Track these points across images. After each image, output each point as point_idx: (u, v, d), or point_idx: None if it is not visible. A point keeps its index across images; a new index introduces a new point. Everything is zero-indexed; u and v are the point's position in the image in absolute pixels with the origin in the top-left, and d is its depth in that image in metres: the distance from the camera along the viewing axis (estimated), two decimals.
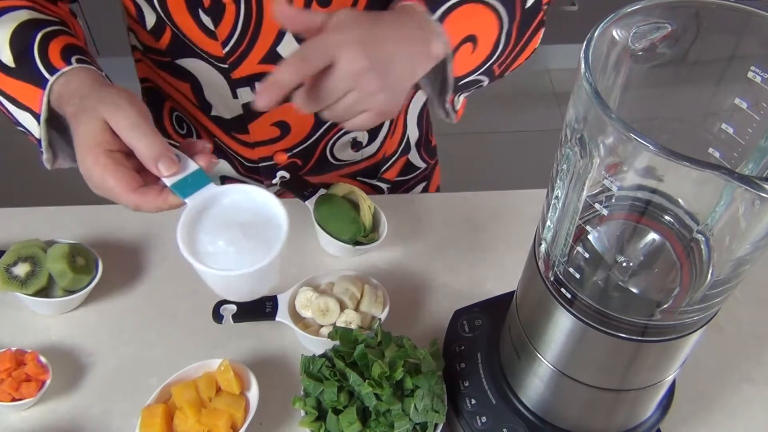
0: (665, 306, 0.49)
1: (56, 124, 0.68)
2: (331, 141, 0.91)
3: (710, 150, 0.48)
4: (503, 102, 2.30)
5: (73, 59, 0.65)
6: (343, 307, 0.73)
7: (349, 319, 0.72)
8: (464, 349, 0.68)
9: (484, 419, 0.63)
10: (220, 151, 0.95)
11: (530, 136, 2.27)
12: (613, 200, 0.46)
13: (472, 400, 0.64)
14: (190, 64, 0.80)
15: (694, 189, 0.45)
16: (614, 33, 0.45)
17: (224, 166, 0.97)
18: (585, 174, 0.45)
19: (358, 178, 0.99)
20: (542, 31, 0.78)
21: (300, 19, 0.62)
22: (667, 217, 0.49)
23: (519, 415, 0.62)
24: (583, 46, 0.43)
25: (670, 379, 0.57)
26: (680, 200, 0.47)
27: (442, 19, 0.67)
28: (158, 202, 0.59)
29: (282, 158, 0.91)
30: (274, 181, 0.93)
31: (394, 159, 1.01)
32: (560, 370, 0.57)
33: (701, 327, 0.51)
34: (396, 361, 0.63)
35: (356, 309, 0.73)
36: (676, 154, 0.37)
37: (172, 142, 0.89)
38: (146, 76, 0.92)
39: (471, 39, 0.69)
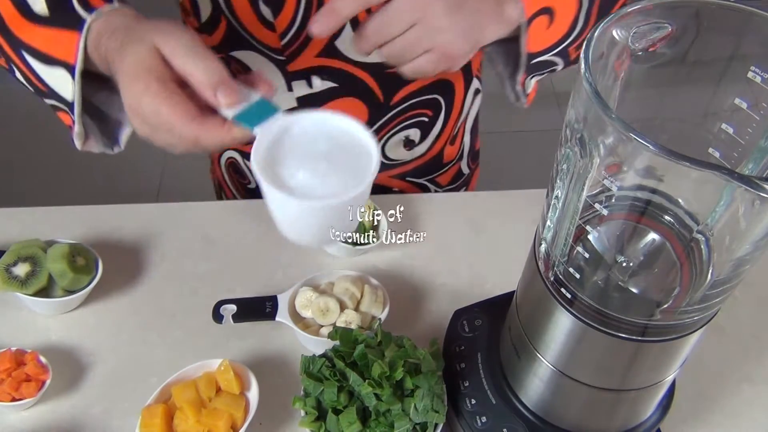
0: (665, 306, 0.49)
1: (89, 105, 0.63)
2: (384, 140, 0.90)
3: (710, 150, 0.48)
4: (503, 102, 2.30)
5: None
6: (343, 307, 0.73)
7: (349, 319, 0.72)
8: (464, 349, 0.68)
9: (484, 419, 0.63)
10: None
11: (530, 136, 2.27)
12: (613, 200, 0.46)
13: (472, 400, 0.64)
14: (245, 56, 0.79)
15: (694, 189, 0.45)
16: (614, 33, 0.45)
17: None
18: (585, 174, 0.45)
19: (407, 178, 0.99)
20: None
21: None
22: (667, 217, 0.49)
23: (519, 415, 0.62)
24: (583, 46, 0.43)
25: (670, 379, 0.57)
26: (680, 200, 0.47)
27: None
28: (221, 133, 0.51)
29: None
30: None
31: (450, 165, 1.01)
32: (560, 370, 0.57)
33: (701, 327, 0.51)
34: (396, 361, 0.63)
35: (356, 309, 0.73)
36: (676, 154, 0.37)
37: None
38: None
39: (548, 11, 0.66)
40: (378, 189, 0.98)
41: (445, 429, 0.66)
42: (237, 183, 1.02)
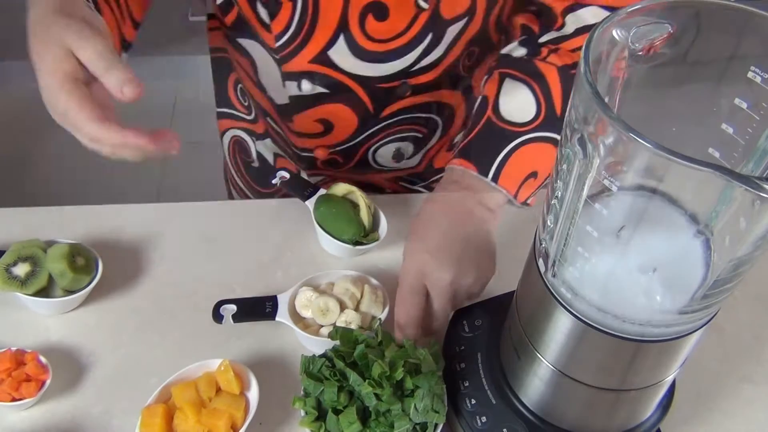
0: (665, 306, 0.49)
1: None
2: (374, 147, 0.91)
3: (710, 150, 0.48)
4: None
5: None
6: (343, 307, 0.73)
7: (349, 319, 0.72)
8: (464, 349, 0.68)
9: (484, 419, 0.63)
10: (272, 134, 0.97)
11: None
12: (613, 200, 0.46)
13: (472, 400, 0.64)
14: (250, 45, 0.81)
15: (694, 189, 0.45)
16: (614, 33, 0.45)
17: (271, 144, 0.99)
18: (585, 174, 0.45)
19: (400, 183, 0.99)
20: None
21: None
22: (667, 218, 0.49)
23: (519, 415, 0.62)
24: (583, 46, 0.43)
25: (670, 379, 0.57)
26: (680, 200, 0.47)
27: (495, 178, 0.71)
28: (118, 134, 0.57)
29: (322, 153, 0.91)
30: (273, 181, 0.93)
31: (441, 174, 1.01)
32: (560, 370, 0.57)
33: (701, 327, 0.51)
34: (396, 361, 0.63)
35: (356, 309, 0.73)
36: (676, 154, 0.37)
37: None
38: (217, 45, 0.93)
39: (532, 175, 0.73)
40: (370, 188, 0.98)
41: (445, 429, 0.66)
42: (242, 162, 1.03)
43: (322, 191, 0.83)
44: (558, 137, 0.72)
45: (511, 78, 0.76)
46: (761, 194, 0.36)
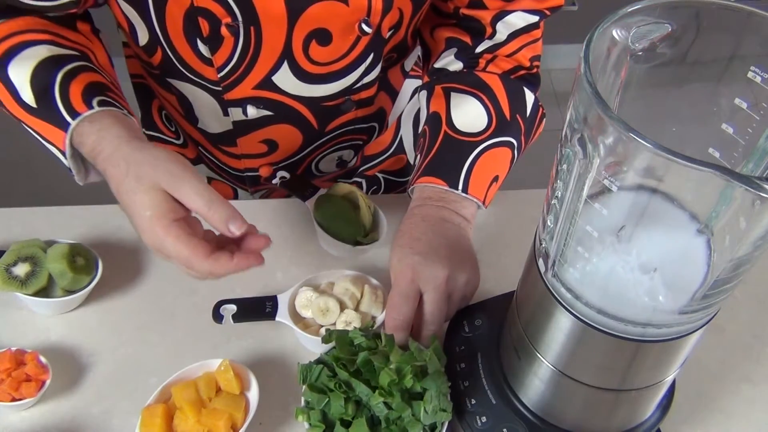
0: (665, 306, 0.49)
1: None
2: (317, 158, 0.93)
3: (710, 150, 0.48)
4: None
5: (94, 102, 0.65)
6: (343, 307, 0.73)
7: (349, 319, 0.72)
8: (464, 349, 0.68)
9: (484, 419, 0.63)
10: (205, 160, 0.97)
11: None
12: (613, 200, 0.46)
13: (472, 400, 0.64)
14: (180, 85, 0.80)
15: (694, 189, 0.45)
16: (614, 33, 0.45)
17: (205, 170, 0.99)
18: (585, 174, 0.45)
19: (338, 180, 1.00)
20: (545, 120, 0.85)
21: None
22: (666, 218, 0.49)
23: (519, 415, 0.62)
24: (583, 46, 0.43)
25: (670, 379, 0.57)
26: (680, 200, 0.47)
27: (465, 188, 0.74)
28: (230, 266, 0.60)
29: (267, 171, 0.92)
30: (274, 181, 0.93)
31: (386, 156, 1.01)
32: (560, 370, 0.57)
33: (701, 327, 0.51)
34: (403, 366, 0.62)
35: (356, 309, 0.73)
36: (676, 154, 0.37)
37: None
38: (137, 72, 0.92)
39: (494, 180, 0.77)
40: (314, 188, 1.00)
41: (446, 428, 0.66)
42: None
43: (322, 191, 0.83)
44: (511, 140, 0.78)
45: (457, 92, 0.79)
46: (761, 194, 0.36)
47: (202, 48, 0.72)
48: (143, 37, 0.75)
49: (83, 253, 0.76)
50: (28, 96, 0.66)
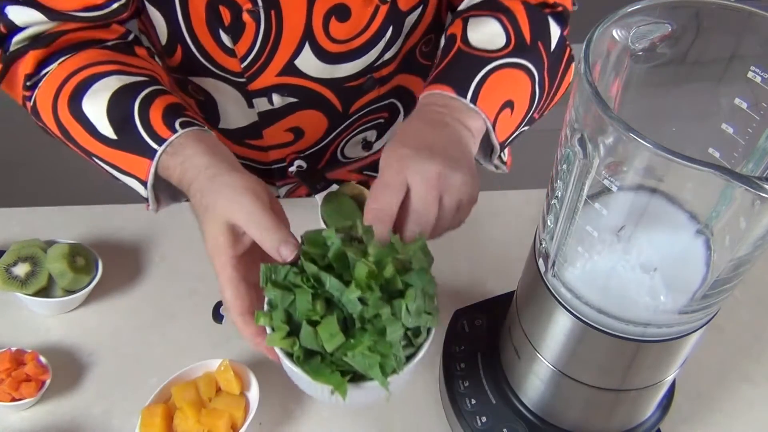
0: (665, 306, 0.49)
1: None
2: (343, 142, 0.92)
3: (710, 150, 0.48)
4: None
5: (176, 124, 0.64)
6: None
7: None
8: (464, 349, 0.68)
9: (484, 419, 0.63)
10: None
11: (530, 136, 2.26)
12: (613, 200, 0.46)
13: (472, 400, 0.64)
14: (202, 81, 0.80)
15: (694, 189, 0.45)
16: (614, 33, 0.45)
17: None
18: (585, 174, 0.45)
19: (364, 172, 1.00)
20: (573, 66, 0.78)
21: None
22: (667, 218, 0.49)
23: (519, 415, 0.62)
24: (583, 46, 0.43)
25: (670, 379, 0.57)
26: (680, 200, 0.47)
27: (474, 99, 0.67)
28: (253, 341, 0.59)
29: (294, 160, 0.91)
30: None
31: None
32: (560, 370, 0.57)
33: (701, 327, 0.51)
34: (382, 258, 0.54)
35: None
36: (676, 154, 0.37)
37: None
38: None
39: (508, 104, 0.69)
40: (337, 183, 0.99)
41: (445, 429, 0.66)
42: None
43: (334, 187, 0.83)
44: (530, 67, 0.70)
45: (475, 16, 0.74)
46: (761, 194, 0.36)
47: (225, 39, 0.73)
48: (162, 36, 0.75)
49: (83, 253, 0.76)
50: (106, 129, 0.65)
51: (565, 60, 0.76)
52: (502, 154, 0.74)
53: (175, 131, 0.64)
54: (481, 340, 0.68)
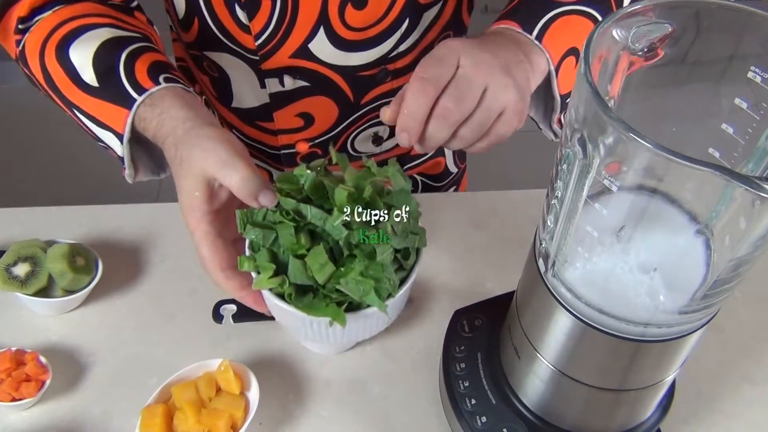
0: (665, 306, 0.49)
1: (138, 139, 0.67)
2: (353, 134, 0.91)
3: (710, 150, 0.48)
4: None
5: (161, 78, 0.64)
6: None
7: None
8: (464, 349, 0.68)
9: (484, 419, 0.63)
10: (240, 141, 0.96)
11: (530, 136, 2.26)
12: (613, 200, 0.46)
13: (472, 400, 0.64)
14: (217, 57, 0.81)
15: (694, 189, 0.45)
16: (614, 33, 0.45)
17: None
18: (585, 174, 0.45)
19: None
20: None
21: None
22: (667, 218, 0.49)
23: (519, 415, 0.62)
24: (583, 46, 0.43)
25: (670, 379, 0.57)
26: (680, 200, 0.47)
27: (540, 37, 0.66)
28: (238, 293, 0.59)
29: (303, 147, 0.91)
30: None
31: (424, 158, 1.01)
32: (560, 370, 0.57)
33: (701, 327, 0.51)
34: (360, 182, 0.52)
35: None
36: (676, 154, 0.37)
37: None
38: (180, 56, 0.94)
39: (572, 52, 0.68)
40: None
41: (445, 429, 0.66)
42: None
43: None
44: (599, 17, 0.68)
45: None
46: (761, 194, 0.36)
47: (241, 14, 0.73)
48: (180, 9, 0.76)
49: (83, 253, 0.76)
50: (89, 76, 0.65)
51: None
52: (562, 116, 0.71)
53: (158, 84, 0.64)
54: (481, 340, 0.68)
